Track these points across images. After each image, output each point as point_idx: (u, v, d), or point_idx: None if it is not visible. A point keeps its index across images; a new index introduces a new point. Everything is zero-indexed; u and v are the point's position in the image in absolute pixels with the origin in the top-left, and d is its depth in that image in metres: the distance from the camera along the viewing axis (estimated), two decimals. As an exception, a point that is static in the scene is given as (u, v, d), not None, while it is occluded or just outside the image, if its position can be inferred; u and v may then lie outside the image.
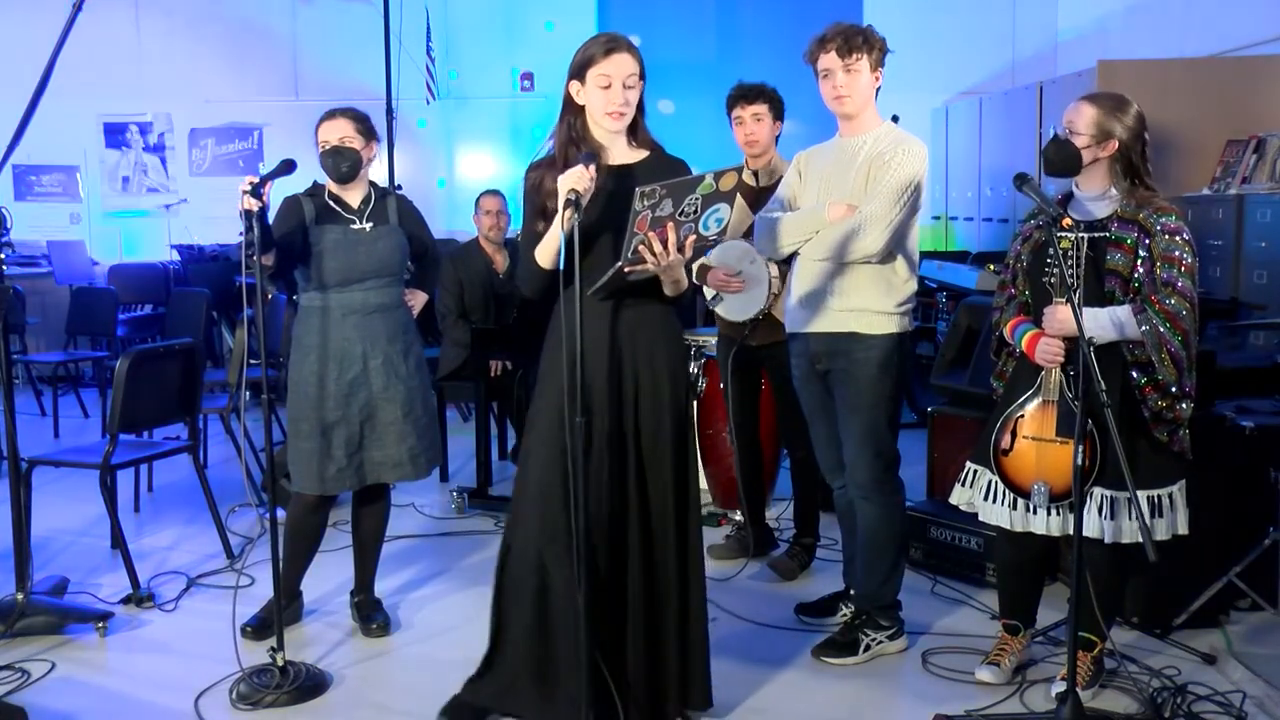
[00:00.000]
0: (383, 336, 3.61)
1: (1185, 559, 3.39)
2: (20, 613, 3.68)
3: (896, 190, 3.32)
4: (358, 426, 3.59)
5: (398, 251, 3.65)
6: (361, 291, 3.58)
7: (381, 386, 3.60)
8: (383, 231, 3.63)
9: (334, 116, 3.58)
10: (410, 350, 3.69)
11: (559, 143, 2.90)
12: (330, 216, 3.59)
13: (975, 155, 8.06)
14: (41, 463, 4.28)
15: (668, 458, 2.92)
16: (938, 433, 4.65)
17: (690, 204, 2.62)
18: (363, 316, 3.58)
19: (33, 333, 8.74)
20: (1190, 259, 3.03)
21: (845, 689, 3.35)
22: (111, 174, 9.57)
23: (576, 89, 2.86)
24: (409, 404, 3.64)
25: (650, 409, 2.91)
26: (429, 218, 3.94)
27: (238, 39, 9.30)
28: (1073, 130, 3.11)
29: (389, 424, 3.62)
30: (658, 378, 2.91)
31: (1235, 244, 5.15)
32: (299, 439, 3.57)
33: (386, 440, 3.63)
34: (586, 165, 2.66)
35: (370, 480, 3.67)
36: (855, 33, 3.36)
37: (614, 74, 2.80)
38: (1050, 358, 3.09)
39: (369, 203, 3.65)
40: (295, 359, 3.61)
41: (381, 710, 3.24)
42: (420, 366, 3.73)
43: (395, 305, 3.68)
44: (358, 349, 3.57)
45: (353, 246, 3.57)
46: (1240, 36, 6.49)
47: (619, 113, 2.83)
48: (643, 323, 2.91)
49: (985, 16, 8.90)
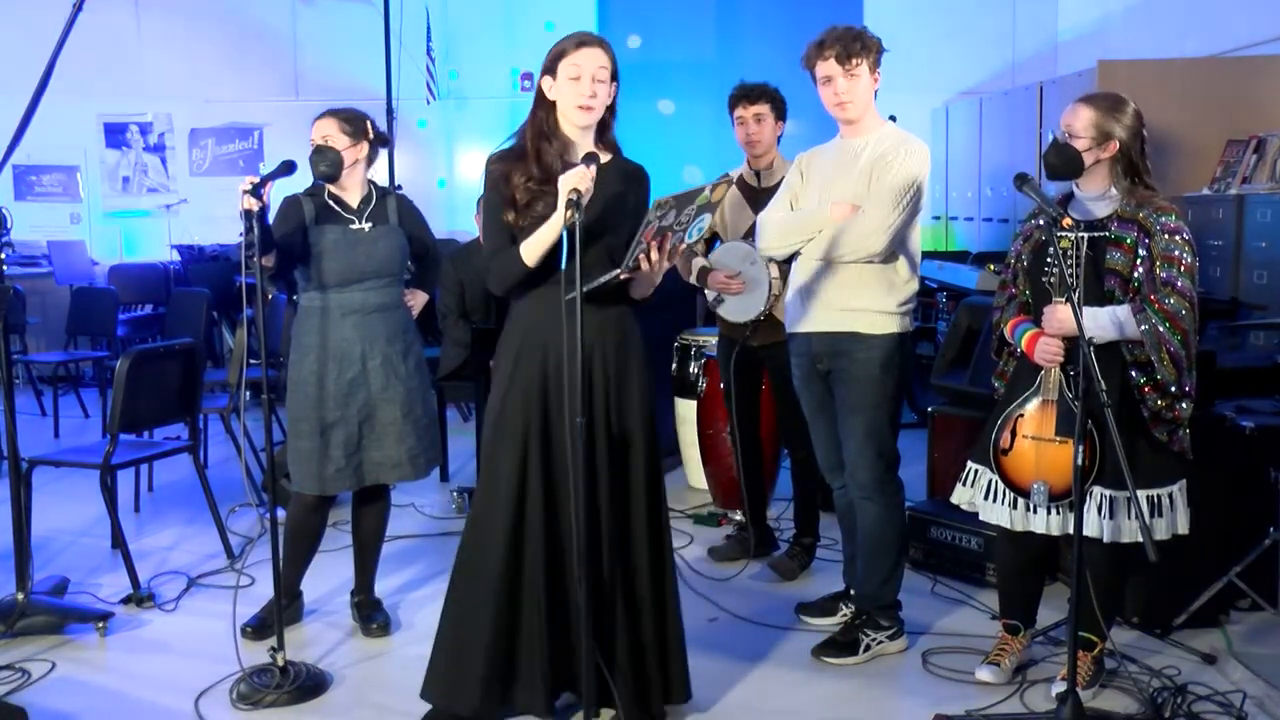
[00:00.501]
0: (382, 337, 3.61)
1: (1185, 559, 3.40)
2: (20, 613, 3.68)
3: (898, 191, 3.32)
4: (356, 427, 3.59)
5: (397, 252, 3.65)
6: (361, 292, 3.58)
7: (381, 387, 3.60)
8: (382, 231, 3.63)
9: (321, 116, 3.60)
10: (410, 350, 3.69)
11: (530, 136, 2.90)
12: (330, 216, 3.59)
13: (975, 155, 8.06)
14: (42, 463, 4.28)
15: (640, 454, 2.95)
16: (938, 433, 4.65)
17: (687, 214, 2.70)
18: (362, 316, 3.58)
19: (33, 333, 8.74)
20: (1190, 258, 3.03)
21: (845, 689, 3.35)
22: (112, 174, 9.56)
23: (549, 84, 2.88)
24: (408, 404, 3.64)
25: (620, 408, 2.93)
26: (429, 218, 3.94)
27: (238, 39, 9.30)
28: (1072, 133, 3.11)
29: (388, 424, 3.62)
30: (625, 378, 2.94)
31: (1235, 244, 5.15)
32: (298, 439, 3.57)
33: (386, 441, 3.63)
34: (588, 166, 2.69)
35: (369, 481, 3.66)
36: (853, 37, 3.35)
37: (584, 65, 2.83)
38: (1050, 357, 3.09)
39: (369, 203, 3.65)
40: (294, 359, 3.61)
41: (381, 710, 3.24)
42: (420, 367, 3.72)
43: (395, 305, 3.67)
44: (357, 349, 3.57)
45: (352, 246, 3.56)
46: (1240, 36, 6.49)
47: (587, 105, 2.85)
48: (609, 324, 2.93)
49: (985, 16, 8.89)
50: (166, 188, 9.57)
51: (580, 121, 2.88)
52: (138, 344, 5.06)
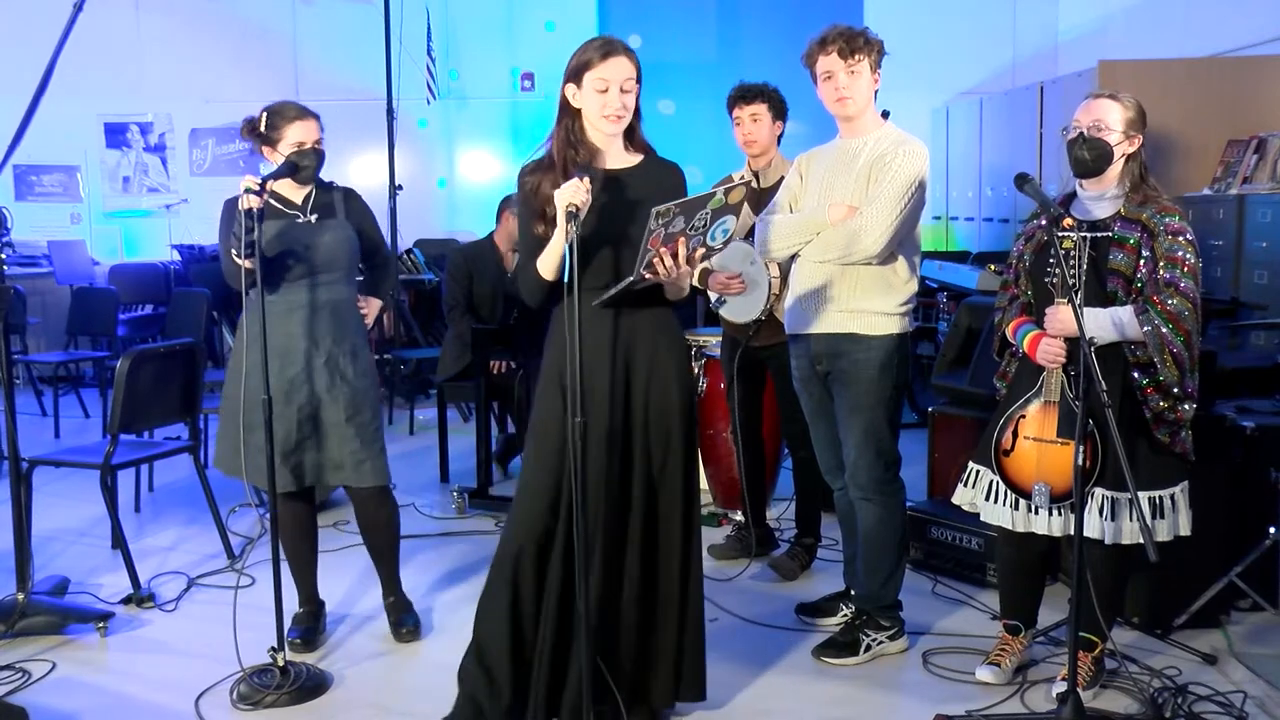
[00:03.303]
0: (328, 335, 3.51)
1: (1186, 559, 3.40)
2: (21, 613, 3.68)
3: (898, 192, 3.31)
4: (294, 425, 3.49)
5: (344, 244, 3.55)
6: (307, 289, 3.49)
7: (325, 386, 3.50)
8: (328, 225, 3.54)
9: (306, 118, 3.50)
10: (358, 353, 3.58)
11: (557, 146, 2.90)
12: (271, 213, 3.45)
13: (975, 155, 8.06)
14: (42, 463, 4.28)
15: (679, 461, 2.95)
16: (938, 433, 4.64)
17: (700, 218, 2.69)
18: (309, 312, 3.49)
19: (33, 333, 8.74)
20: (1193, 260, 3.03)
21: (846, 689, 3.35)
22: (112, 174, 9.56)
23: (573, 92, 2.86)
24: (353, 406, 3.53)
25: (659, 413, 2.93)
26: (429, 218, 3.93)
27: (238, 39, 9.30)
28: (1103, 127, 3.09)
29: (331, 425, 3.52)
30: (664, 381, 2.93)
31: (1236, 244, 5.15)
32: (225, 417, 3.49)
33: (327, 442, 3.53)
34: (581, 179, 2.68)
35: (310, 481, 3.57)
36: (856, 34, 3.36)
37: (611, 78, 2.81)
38: (1052, 358, 3.09)
39: (313, 197, 3.56)
40: (237, 347, 3.53)
41: (381, 710, 3.24)
42: (368, 371, 3.61)
43: (343, 302, 3.57)
44: (301, 345, 3.48)
45: (294, 240, 3.47)
46: (1240, 36, 6.49)
47: (617, 116, 2.84)
48: (643, 327, 2.92)
49: (985, 16, 8.89)
50: (166, 188, 9.57)
51: (609, 131, 2.87)
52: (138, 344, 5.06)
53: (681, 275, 2.77)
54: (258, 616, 3.52)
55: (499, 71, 9.34)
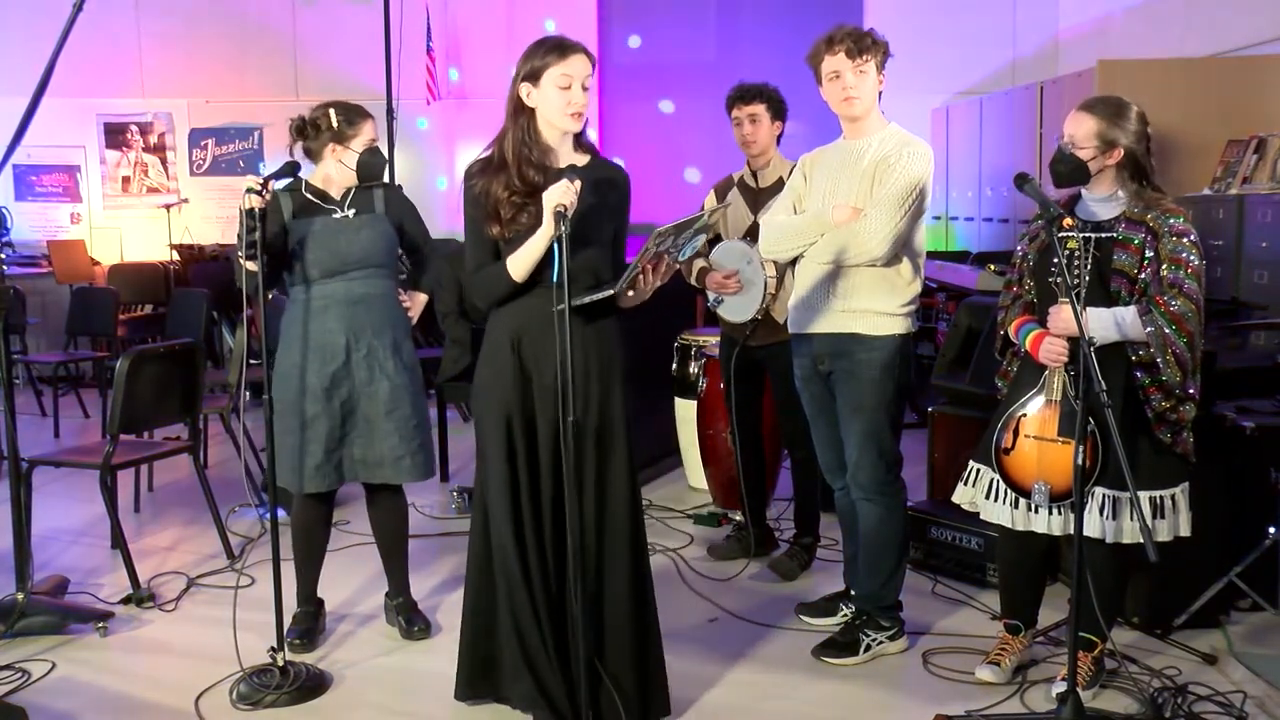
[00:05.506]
0: (368, 329, 3.52)
1: (1186, 559, 3.39)
2: (20, 613, 3.68)
3: (901, 194, 3.31)
4: (338, 421, 3.51)
5: (382, 240, 3.56)
6: (345, 282, 3.50)
7: (365, 380, 3.51)
8: (366, 220, 3.55)
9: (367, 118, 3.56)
10: (400, 347, 3.58)
11: (511, 146, 2.89)
12: (310, 210, 3.52)
13: (975, 155, 8.06)
14: (42, 463, 4.28)
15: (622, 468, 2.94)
16: (938, 433, 4.64)
17: (685, 237, 2.77)
18: (346, 307, 3.50)
19: (33, 333, 8.74)
20: (1197, 261, 3.03)
21: (846, 689, 3.35)
22: (112, 174, 9.57)
23: (527, 91, 2.87)
24: (392, 401, 3.53)
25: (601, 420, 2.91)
26: (429, 218, 3.91)
27: (238, 39, 9.31)
28: (1075, 144, 3.10)
29: (371, 421, 3.53)
30: (608, 392, 2.93)
31: (1236, 244, 5.15)
32: (283, 434, 3.49)
33: (367, 438, 3.54)
34: (571, 180, 2.71)
35: (349, 478, 3.59)
36: (863, 34, 3.36)
37: (575, 74, 2.83)
38: (1054, 358, 3.09)
39: (350, 192, 3.58)
40: (280, 353, 3.55)
41: (381, 710, 3.24)
42: (410, 365, 3.60)
43: (382, 296, 3.58)
44: (340, 340, 3.49)
45: (334, 236, 3.49)
46: (1240, 36, 6.49)
47: (579, 113, 2.86)
48: (591, 337, 2.92)
49: (985, 16, 8.89)
50: (166, 188, 9.58)
51: (571, 128, 2.89)
52: (138, 344, 5.06)
53: (652, 289, 2.83)
54: (258, 616, 3.53)
55: (499, 71, 9.33)
